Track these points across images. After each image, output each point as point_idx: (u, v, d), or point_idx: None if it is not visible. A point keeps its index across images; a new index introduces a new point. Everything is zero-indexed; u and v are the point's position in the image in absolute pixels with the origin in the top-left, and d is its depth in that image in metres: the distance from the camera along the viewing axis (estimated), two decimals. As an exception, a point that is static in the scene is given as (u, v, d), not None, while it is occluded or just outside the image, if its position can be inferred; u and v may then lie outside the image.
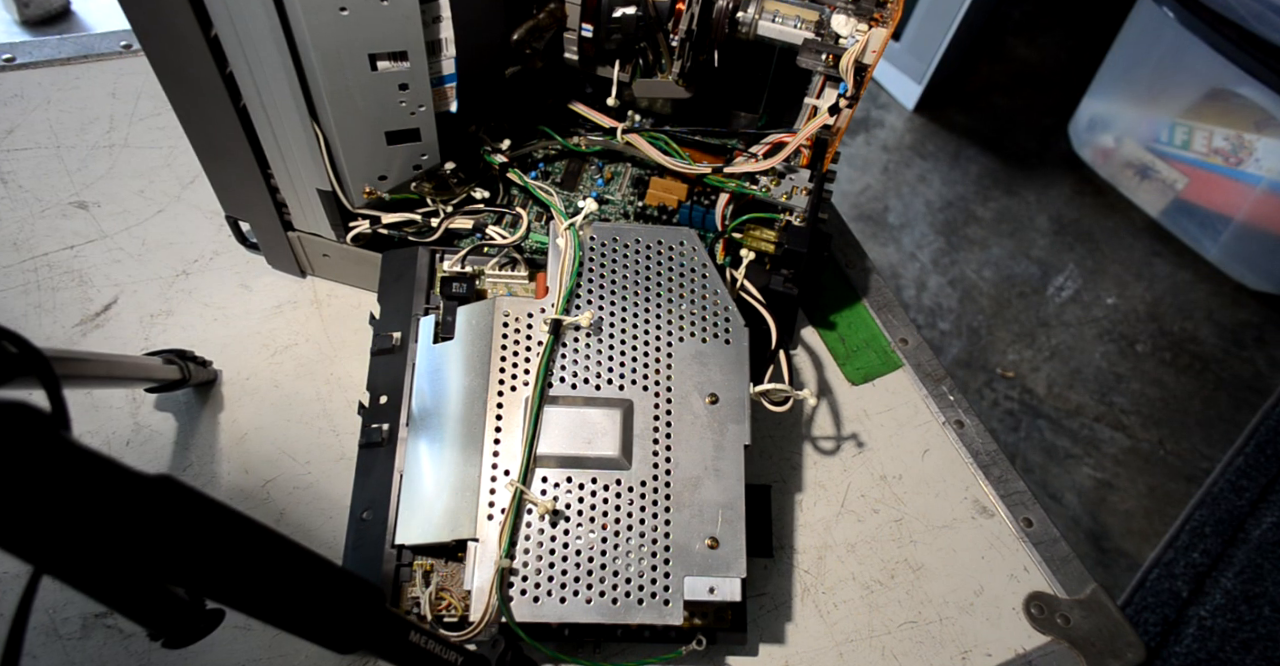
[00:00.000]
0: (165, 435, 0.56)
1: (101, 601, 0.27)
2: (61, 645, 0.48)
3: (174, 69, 0.49)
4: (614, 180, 0.63)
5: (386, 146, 0.52)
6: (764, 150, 0.59)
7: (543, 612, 0.44)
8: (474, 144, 0.60)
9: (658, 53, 0.57)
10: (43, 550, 0.23)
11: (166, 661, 0.48)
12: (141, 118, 0.71)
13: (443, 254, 0.56)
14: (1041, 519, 0.59)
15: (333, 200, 0.55)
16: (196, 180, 0.67)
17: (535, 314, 0.51)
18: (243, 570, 0.27)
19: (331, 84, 0.47)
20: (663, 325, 0.52)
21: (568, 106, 0.62)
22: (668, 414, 0.49)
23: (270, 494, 0.54)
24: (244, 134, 0.51)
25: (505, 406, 0.48)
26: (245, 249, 0.64)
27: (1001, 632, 0.54)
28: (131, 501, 0.24)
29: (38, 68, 0.73)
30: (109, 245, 0.63)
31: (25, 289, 0.61)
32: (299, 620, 0.29)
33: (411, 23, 0.46)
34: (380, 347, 0.53)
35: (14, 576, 0.50)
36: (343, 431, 0.57)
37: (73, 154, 0.68)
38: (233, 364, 0.59)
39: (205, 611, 0.31)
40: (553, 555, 0.45)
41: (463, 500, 0.46)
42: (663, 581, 0.45)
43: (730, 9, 0.53)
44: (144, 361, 0.53)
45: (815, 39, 0.52)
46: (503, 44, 0.55)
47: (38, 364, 0.33)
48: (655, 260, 0.54)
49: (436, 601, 0.46)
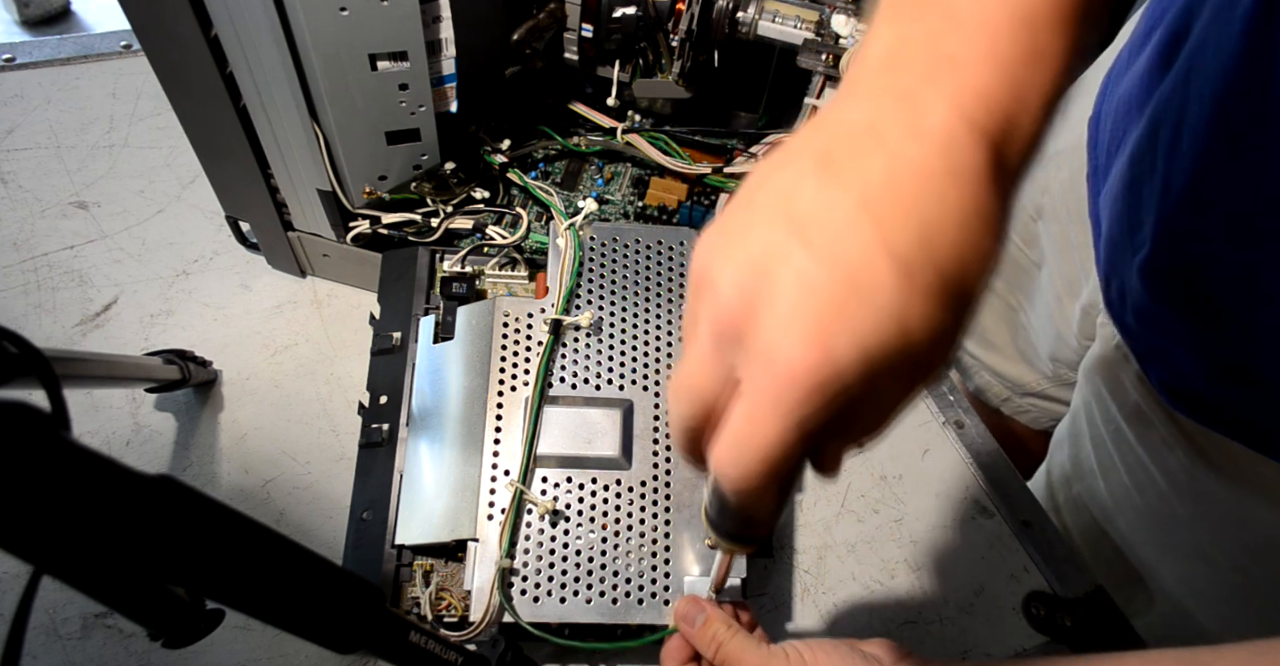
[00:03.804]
0: (165, 435, 0.56)
1: (101, 601, 0.27)
2: (61, 645, 0.48)
3: (174, 69, 0.49)
4: (614, 180, 0.63)
5: (386, 146, 0.52)
6: (764, 150, 0.59)
7: (543, 612, 0.44)
8: (474, 144, 0.60)
9: (658, 53, 0.57)
10: (43, 550, 0.23)
11: (166, 661, 0.48)
12: (141, 118, 0.71)
13: (443, 254, 0.56)
14: (1041, 519, 0.59)
15: (333, 200, 0.55)
16: (196, 180, 0.67)
17: (535, 314, 0.51)
18: (243, 570, 0.27)
19: (331, 84, 0.47)
20: (663, 325, 0.52)
21: (568, 106, 0.62)
22: (668, 413, 0.49)
23: (270, 494, 0.54)
24: (244, 134, 0.51)
25: (505, 406, 0.48)
26: (245, 249, 0.64)
27: (1001, 632, 0.54)
28: (131, 501, 0.24)
29: (38, 68, 0.73)
30: (109, 245, 0.63)
31: (25, 289, 0.61)
32: (299, 620, 0.29)
33: (411, 23, 0.46)
34: (380, 348, 0.53)
35: (14, 576, 0.50)
36: (343, 431, 0.57)
37: (73, 154, 0.68)
38: (233, 364, 0.59)
39: (205, 611, 0.31)
40: (553, 555, 0.45)
41: (463, 500, 0.46)
42: (663, 581, 0.45)
43: (730, 9, 0.53)
44: (144, 361, 0.53)
45: (815, 39, 0.52)
46: (503, 44, 0.55)
47: (38, 364, 0.33)
48: (655, 260, 0.54)
49: (436, 601, 0.46)
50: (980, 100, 0.25)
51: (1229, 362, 0.44)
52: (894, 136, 0.25)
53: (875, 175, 0.24)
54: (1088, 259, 0.59)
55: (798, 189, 0.25)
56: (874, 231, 0.23)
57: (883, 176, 0.24)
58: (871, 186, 0.24)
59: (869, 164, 0.24)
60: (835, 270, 0.23)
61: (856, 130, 0.25)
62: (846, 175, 0.25)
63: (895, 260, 0.23)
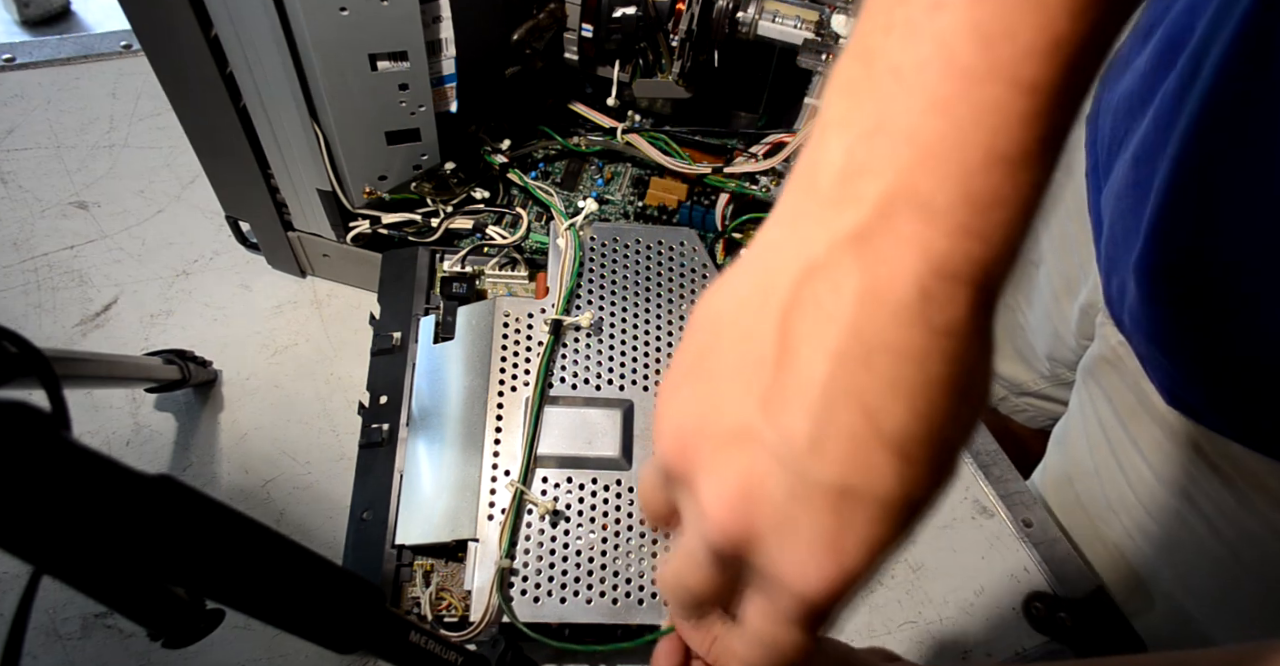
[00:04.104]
0: (165, 435, 0.56)
1: (101, 601, 0.27)
2: (61, 645, 0.48)
3: (174, 69, 0.49)
4: (614, 180, 0.63)
5: (386, 146, 0.52)
6: (764, 150, 0.59)
7: (543, 613, 0.44)
8: (474, 144, 0.60)
9: (658, 53, 0.57)
10: (43, 550, 0.23)
11: (166, 661, 0.48)
12: (141, 118, 0.71)
13: (443, 254, 0.56)
14: (1042, 519, 0.59)
15: (333, 200, 0.55)
16: (196, 180, 0.67)
17: (535, 314, 0.51)
18: (243, 570, 0.27)
19: (331, 84, 0.47)
20: (663, 325, 0.52)
21: (568, 106, 0.62)
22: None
23: (270, 494, 0.54)
24: (244, 134, 0.51)
25: (505, 406, 0.48)
26: (245, 249, 0.64)
27: (1001, 632, 0.54)
28: (131, 501, 0.24)
29: (38, 68, 0.73)
30: (109, 245, 0.63)
31: (25, 289, 0.61)
32: (299, 620, 0.29)
33: (411, 23, 0.46)
34: (380, 348, 0.53)
35: (14, 576, 0.50)
36: (343, 431, 0.57)
37: (73, 154, 0.68)
38: (233, 364, 0.59)
39: (205, 611, 0.31)
40: (553, 555, 0.45)
41: (463, 500, 0.46)
42: (663, 581, 0.45)
43: (730, 9, 0.53)
44: (144, 361, 0.53)
45: (815, 39, 0.52)
46: (503, 44, 0.55)
47: (38, 364, 0.33)
48: (655, 260, 0.54)
49: (436, 601, 0.46)
50: (954, 240, 0.21)
51: (1231, 361, 0.44)
52: (857, 294, 0.21)
53: (845, 347, 0.21)
54: (1086, 258, 0.59)
55: (759, 367, 0.22)
56: (861, 420, 0.21)
57: (853, 348, 0.21)
58: (845, 360, 0.21)
59: (828, 332, 0.21)
60: (829, 473, 0.22)
61: (811, 280, 0.22)
62: (811, 347, 0.22)
63: (889, 447, 0.21)
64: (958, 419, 0.22)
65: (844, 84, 0.23)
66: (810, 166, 0.23)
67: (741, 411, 0.23)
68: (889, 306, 0.21)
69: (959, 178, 0.20)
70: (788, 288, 0.22)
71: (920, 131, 0.21)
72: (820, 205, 0.22)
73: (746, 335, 0.23)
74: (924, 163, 0.21)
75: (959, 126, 0.20)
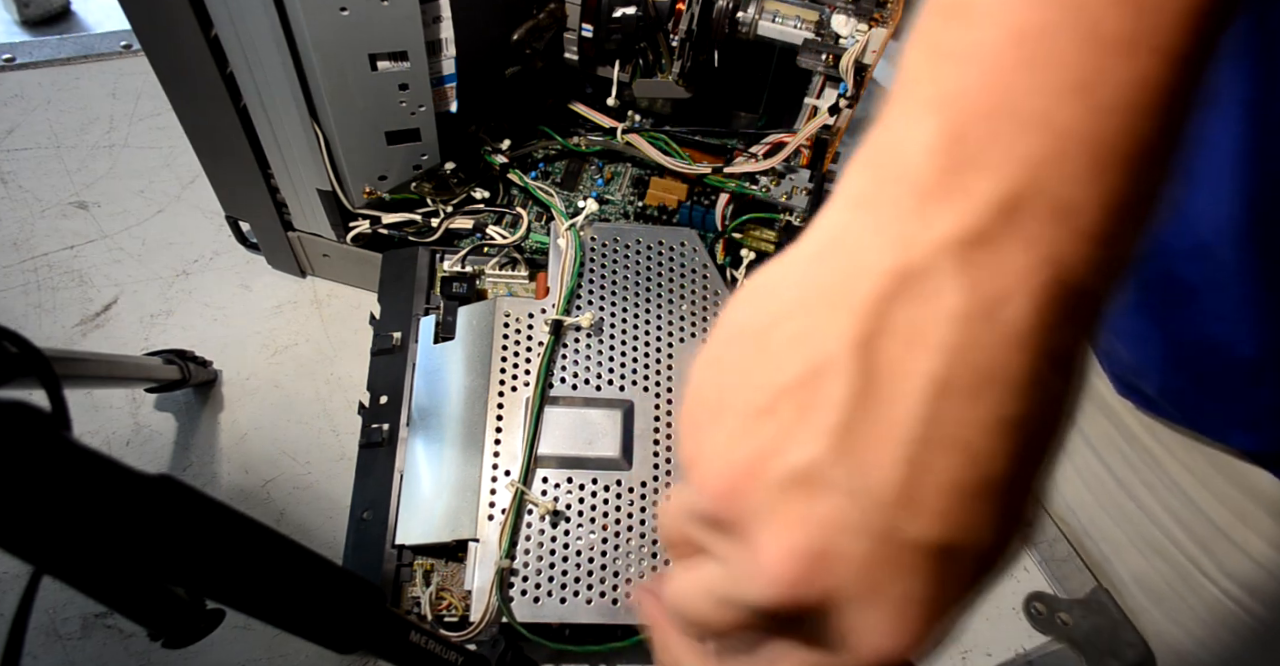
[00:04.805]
0: (165, 435, 0.56)
1: (101, 601, 0.27)
2: (61, 645, 0.48)
3: (174, 69, 0.49)
4: (614, 180, 0.63)
5: (386, 146, 0.52)
6: (764, 150, 0.59)
7: (543, 613, 0.44)
8: (474, 144, 0.60)
9: (658, 53, 0.57)
10: (43, 550, 0.23)
11: (166, 661, 0.48)
12: (141, 118, 0.71)
13: (443, 254, 0.56)
14: (1042, 518, 0.59)
15: (333, 200, 0.55)
16: (196, 180, 0.67)
17: (536, 314, 0.51)
18: (243, 570, 0.27)
19: (331, 84, 0.47)
20: (663, 325, 0.52)
21: (568, 106, 0.62)
22: (668, 414, 0.49)
23: (270, 494, 0.54)
24: (244, 134, 0.51)
25: (506, 406, 0.48)
26: (245, 249, 0.64)
27: (1001, 632, 0.54)
28: (131, 501, 0.24)
29: (38, 68, 0.73)
30: (109, 245, 0.63)
31: (25, 289, 0.61)
32: (299, 620, 0.29)
33: (411, 23, 0.46)
34: (380, 347, 0.53)
35: (14, 576, 0.50)
36: (343, 431, 0.57)
37: (73, 154, 0.68)
38: (233, 364, 0.59)
39: (205, 611, 0.31)
40: (553, 555, 0.45)
41: (463, 500, 0.46)
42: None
43: (730, 9, 0.53)
44: (144, 361, 0.53)
45: (815, 39, 0.52)
46: (503, 44, 0.55)
47: (38, 364, 0.33)
48: (656, 260, 0.54)
49: (437, 601, 0.46)
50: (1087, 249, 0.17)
51: (1191, 346, 0.44)
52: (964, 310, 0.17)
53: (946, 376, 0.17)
54: None
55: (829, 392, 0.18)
56: (965, 466, 0.18)
57: (957, 378, 0.17)
58: (946, 393, 0.18)
59: (925, 357, 0.18)
60: (926, 531, 0.18)
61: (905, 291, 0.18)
62: (902, 375, 0.18)
63: (994, 497, 0.18)
64: (1052, 459, 0.19)
65: (932, 46, 0.19)
66: (892, 144, 0.19)
67: (809, 450, 0.19)
68: (1001, 327, 0.17)
69: (1097, 173, 0.17)
70: (870, 296, 0.18)
71: (1056, 116, 0.17)
72: (912, 195, 0.18)
73: (813, 347, 0.19)
74: (1062, 154, 0.17)
75: (1100, 110, 0.17)
